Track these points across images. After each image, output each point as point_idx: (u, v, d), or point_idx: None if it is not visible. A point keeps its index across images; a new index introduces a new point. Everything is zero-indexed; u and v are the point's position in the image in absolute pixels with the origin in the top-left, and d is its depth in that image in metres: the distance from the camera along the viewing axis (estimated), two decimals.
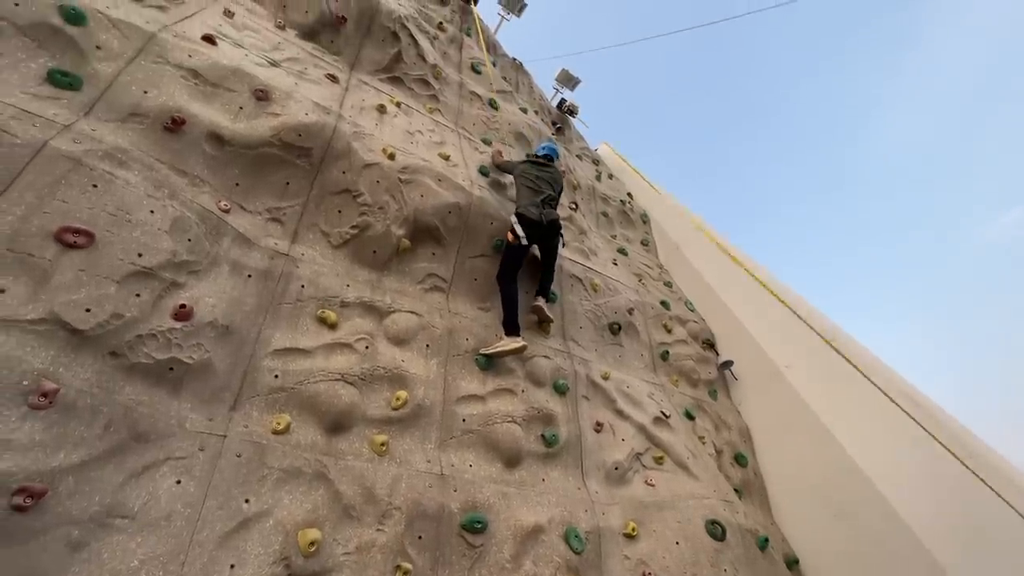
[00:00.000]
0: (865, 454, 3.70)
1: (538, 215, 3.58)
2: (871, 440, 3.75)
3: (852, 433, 3.86)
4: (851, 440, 3.83)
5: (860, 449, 3.75)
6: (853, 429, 3.88)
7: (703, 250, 5.97)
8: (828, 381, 4.21)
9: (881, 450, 3.67)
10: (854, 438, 3.83)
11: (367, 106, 3.80)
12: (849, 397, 4.01)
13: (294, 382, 2.39)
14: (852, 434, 3.86)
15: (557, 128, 7.43)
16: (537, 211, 3.61)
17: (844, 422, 3.96)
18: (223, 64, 2.91)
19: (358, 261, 3.06)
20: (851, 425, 3.91)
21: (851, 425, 3.91)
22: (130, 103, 2.46)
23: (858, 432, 3.84)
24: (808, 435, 4.12)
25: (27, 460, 1.54)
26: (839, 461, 3.80)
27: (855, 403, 3.96)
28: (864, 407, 3.89)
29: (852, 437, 3.84)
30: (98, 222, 2.03)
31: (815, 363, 4.34)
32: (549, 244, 3.77)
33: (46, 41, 2.36)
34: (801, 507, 4.00)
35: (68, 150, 2.09)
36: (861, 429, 3.84)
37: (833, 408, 4.08)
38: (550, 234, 3.71)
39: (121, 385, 1.90)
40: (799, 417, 4.23)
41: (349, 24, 4.32)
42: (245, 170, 2.81)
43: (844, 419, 3.97)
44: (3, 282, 1.76)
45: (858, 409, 3.92)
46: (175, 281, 2.19)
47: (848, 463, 3.73)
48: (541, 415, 3.14)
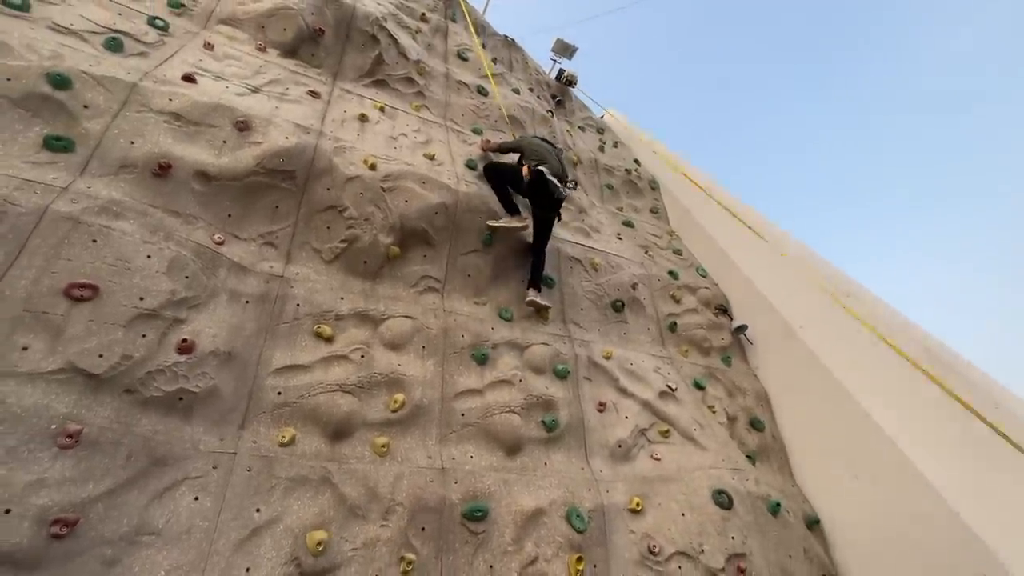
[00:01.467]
0: (884, 412, 3.63)
1: (554, 183, 3.72)
2: (890, 398, 3.67)
3: (870, 392, 3.79)
4: (870, 399, 3.76)
5: (879, 408, 3.68)
6: (871, 388, 3.80)
7: (714, 213, 5.81)
8: (843, 340, 4.11)
9: (900, 408, 3.59)
10: (873, 397, 3.75)
11: (349, 117, 3.90)
12: (865, 355, 3.91)
13: (296, 397, 2.60)
14: (870, 393, 3.78)
15: (557, 101, 7.31)
16: (555, 179, 3.73)
17: (861, 381, 3.88)
18: (203, 102, 3.07)
19: (351, 273, 3.22)
20: (868, 384, 3.83)
21: (868, 384, 3.83)
22: (119, 156, 2.67)
23: (877, 391, 3.76)
24: (825, 395, 4.06)
25: (60, 494, 1.80)
26: (857, 420, 3.74)
27: (871, 361, 3.86)
28: (881, 365, 3.79)
29: (870, 396, 3.77)
30: (100, 274, 2.26)
31: (829, 322, 4.23)
32: (548, 216, 3.88)
33: (39, 109, 2.58)
34: (822, 468, 3.99)
35: (67, 211, 2.31)
36: (879, 387, 3.76)
37: (850, 367, 4.00)
38: (554, 205, 3.85)
39: (138, 418, 2.15)
40: (816, 378, 4.17)
41: (327, 35, 4.40)
42: (235, 201, 3.00)
43: (861, 378, 3.89)
44: (25, 340, 2.01)
45: (875, 367, 3.83)
46: (177, 318, 2.41)
47: (867, 422, 3.67)
48: (540, 402, 3.26)
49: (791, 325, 4.53)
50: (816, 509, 3.83)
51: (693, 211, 6.14)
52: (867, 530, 3.51)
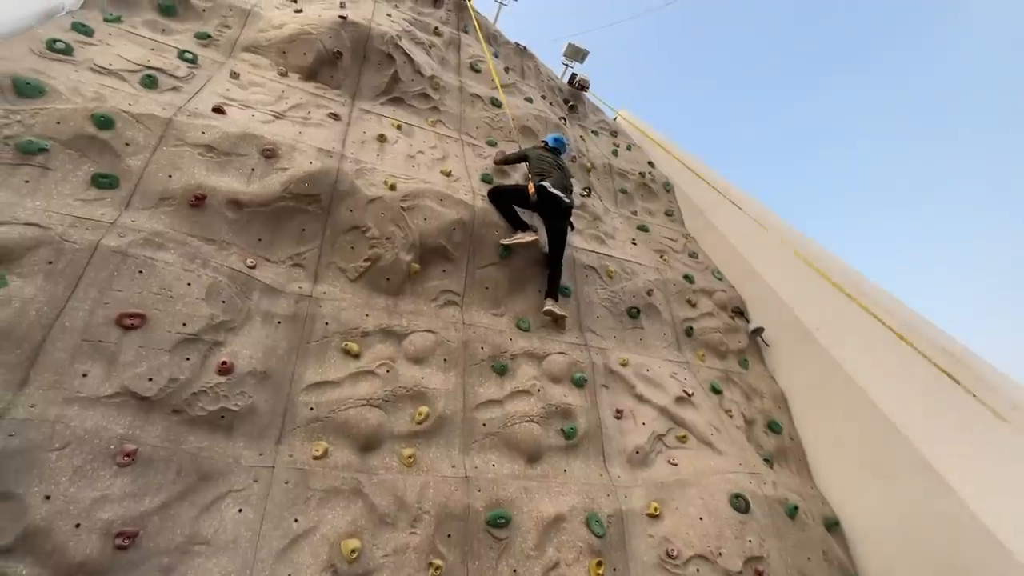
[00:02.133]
0: (902, 413, 3.65)
1: (562, 195, 4.00)
2: (908, 399, 3.68)
3: (888, 393, 3.80)
4: (887, 400, 3.77)
5: (897, 409, 3.69)
6: (889, 389, 3.81)
7: (729, 214, 5.83)
8: (860, 341, 4.12)
9: (918, 409, 3.60)
10: (890, 398, 3.77)
11: (368, 138, 4.06)
12: (882, 356, 3.92)
13: (327, 412, 2.76)
14: (888, 394, 3.80)
15: (570, 106, 7.38)
16: (561, 190, 4.02)
17: (879, 382, 3.89)
18: (232, 132, 3.25)
19: (374, 290, 3.38)
20: (886, 385, 3.84)
21: (886, 385, 3.84)
22: (159, 189, 2.86)
23: (894, 392, 3.77)
24: (843, 397, 4.08)
25: (122, 509, 1.99)
26: (876, 421, 3.76)
27: (889, 362, 3.87)
28: (898, 365, 3.79)
29: (888, 397, 3.78)
30: (147, 303, 2.44)
31: (846, 323, 4.25)
32: (559, 225, 4.04)
33: (86, 149, 2.79)
34: (841, 469, 4.01)
35: (116, 245, 2.51)
36: (897, 388, 3.77)
37: (867, 368, 4.01)
38: (563, 215, 4.04)
39: (185, 436, 2.32)
40: (833, 379, 4.19)
41: (345, 56, 4.56)
42: (265, 226, 3.18)
43: (879, 379, 3.90)
44: (84, 367, 2.21)
45: (892, 368, 3.84)
46: (216, 341, 2.59)
47: (885, 423, 3.69)
48: (559, 410, 3.37)
49: (808, 327, 4.54)
50: (836, 511, 3.86)
51: (708, 213, 6.16)
52: (887, 532, 3.53)
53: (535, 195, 3.93)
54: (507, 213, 4.06)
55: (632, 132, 7.98)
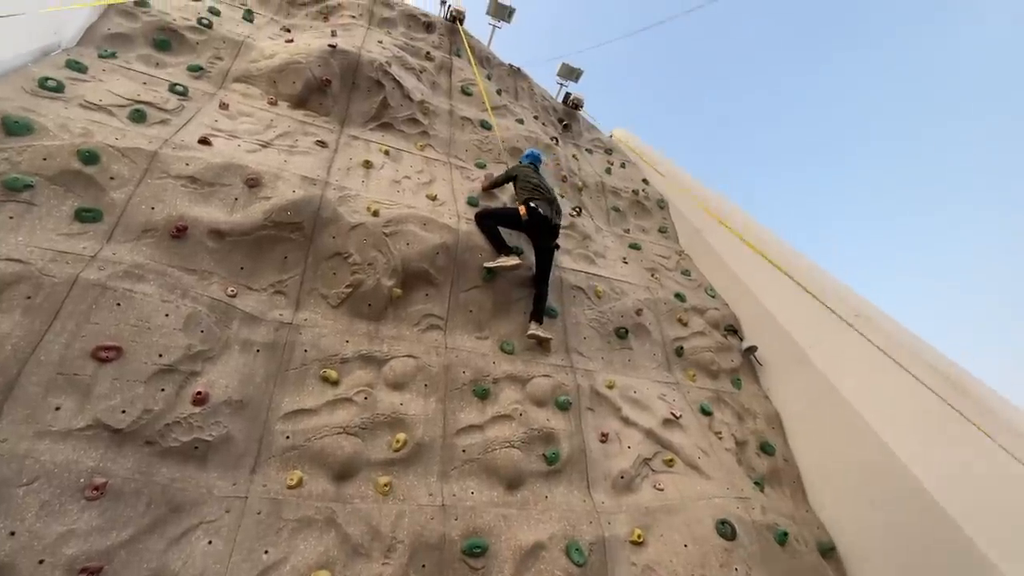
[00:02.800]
0: (898, 438, 3.56)
1: (550, 215, 4.09)
2: (903, 421, 3.60)
3: (883, 414, 3.72)
4: (882, 422, 3.69)
5: (892, 431, 3.61)
6: (883, 410, 3.73)
7: (723, 231, 5.81)
8: (854, 360, 4.05)
9: (914, 432, 3.52)
10: (885, 420, 3.69)
11: (354, 164, 4.12)
12: (877, 376, 3.85)
13: (303, 440, 2.77)
14: (883, 415, 3.72)
15: (564, 125, 7.44)
16: (548, 210, 4.11)
17: (874, 403, 3.81)
18: (216, 163, 3.32)
19: (356, 316, 3.40)
20: (881, 406, 3.76)
21: (881, 406, 3.76)
22: (142, 221, 2.93)
23: (889, 413, 3.69)
24: (838, 418, 4.00)
25: (87, 544, 2.00)
26: (871, 444, 3.67)
27: (884, 382, 3.80)
28: (893, 386, 3.72)
29: (883, 419, 3.70)
30: (124, 335, 2.48)
31: (840, 342, 4.18)
32: (547, 245, 4.10)
33: (71, 184, 2.86)
34: (837, 493, 3.92)
35: (95, 278, 2.56)
36: (892, 410, 3.69)
37: (862, 388, 3.93)
38: (551, 234, 4.13)
39: (158, 468, 2.34)
40: (828, 400, 4.11)
41: (334, 84, 4.66)
42: (247, 254, 3.23)
43: (873, 400, 3.82)
44: (58, 401, 2.24)
45: (887, 389, 3.76)
46: (193, 371, 2.62)
47: (880, 447, 3.61)
48: (542, 435, 3.35)
49: (802, 346, 4.48)
50: (832, 536, 3.76)
51: (703, 230, 6.14)
52: (885, 557, 3.43)
53: (527, 216, 4.01)
54: (493, 236, 4.08)
55: (627, 149, 8.02)
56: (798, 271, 4.77)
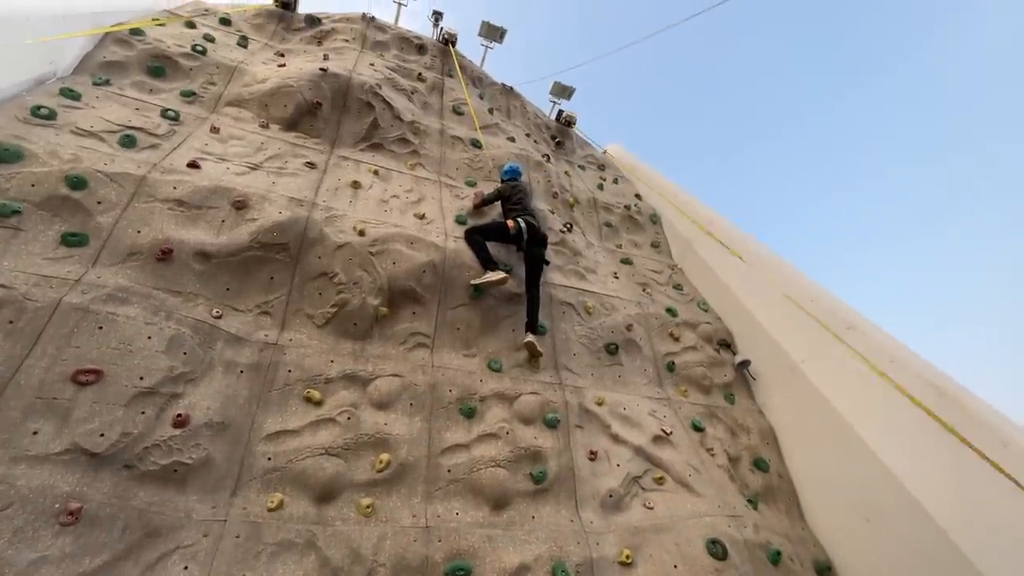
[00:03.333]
0: (891, 452, 3.51)
1: (536, 225, 4.24)
2: (896, 436, 3.55)
3: (876, 429, 3.67)
4: (876, 437, 3.64)
5: (886, 447, 3.56)
6: (876, 425, 3.68)
7: (715, 245, 5.81)
8: (846, 374, 4.01)
9: (908, 448, 3.46)
10: (879, 435, 3.64)
11: (342, 184, 4.17)
12: (870, 391, 3.80)
13: (284, 461, 2.76)
14: (876, 430, 3.66)
15: (557, 142, 7.52)
16: (534, 222, 4.27)
17: (866, 418, 3.76)
18: (204, 186, 3.37)
19: (341, 336, 3.41)
20: (874, 421, 3.71)
21: (874, 421, 3.71)
22: (128, 244, 2.96)
23: (883, 428, 3.64)
24: (831, 433, 3.95)
25: (60, 571, 1.98)
26: (865, 460, 3.62)
27: (876, 397, 3.75)
28: (885, 401, 3.67)
29: (876, 434, 3.65)
30: (105, 358, 2.50)
31: (831, 356, 4.14)
32: (537, 252, 4.19)
33: (59, 209, 2.91)
34: (833, 510, 3.85)
35: (78, 302, 2.58)
36: (885, 425, 3.64)
37: (854, 403, 3.89)
38: (541, 243, 4.26)
39: (135, 492, 2.33)
40: (821, 415, 4.07)
41: (325, 106, 4.74)
42: (233, 275, 3.25)
43: (866, 415, 3.78)
44: (36, 425, 2.25)
45: (880, 403, 3.71)
46: (174, 393, 2.62)
47: (874, 462, 3.55)
48: (529, 453, 3.32)
49: (794, 359, 4.45)
50: (829, 554, 3.68)
51: (694, 243, 6.14)
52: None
53: (515, 229, 4.14)
54: (480, 251, 4.11)
55: (619, 165, 8.07)
56: (789, 283, 4.75)
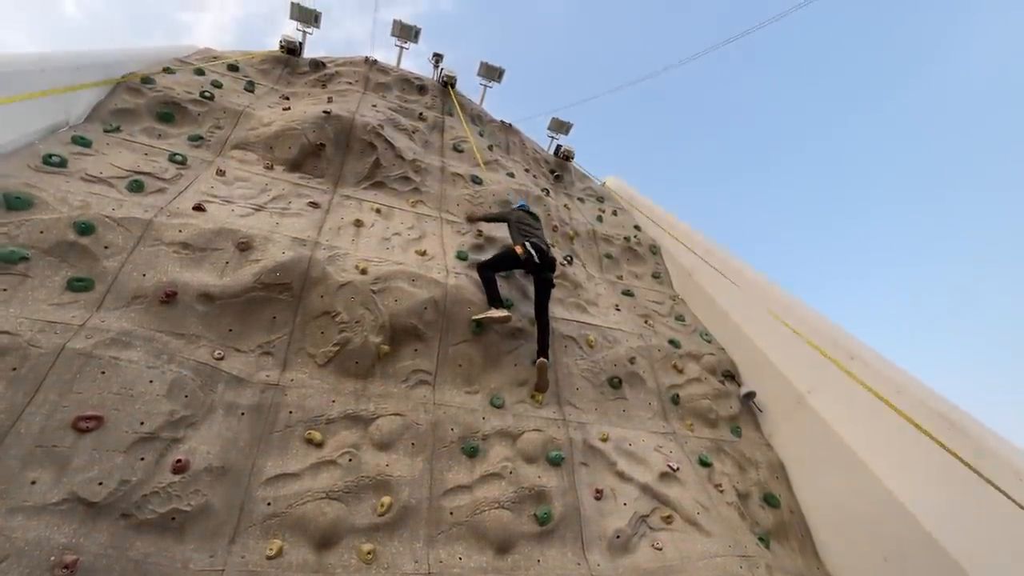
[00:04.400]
0: (905, 488, 3.42)
1: (545, 249, 4.29)
2: (910, 471, 3.47)
3: (888, 463, 3.59)
4: (887, 470, 3.56)
5: (898, 480, 3.48)
6: (887, 458, 3.61)
7: (715, 275, 5.83)
8: (853, 406, 3.96)
9: (922, 483, 3.38)
10: (890, 468, 3.56)
11: (345, 223, 4.24)
12: (878, 422, 3.75)
13: (284, 506, 2.71)
14: (888, 464, 3.59)
15: (556, 176, 7.65)
16: (543, 246, 4.32)
17: (877, 450, 3.69)
18: (208, 228, 3.43)
19: (343, 375, 3.40)
20: (885, 453, 3.64)
21: (885, 453, 3.64)
22: (132, 288, 3.00)
23: (894, 462, 3.57)
24: (841, 467, 3.87)
25: None
26: (878, 496, 3.53)
27: (885, 428, 3.69)
28: (895, 432, 3.61)
29: (888, 467, 3.58)
30: (106, 404, 2.49)
31: (837, 386, 4.10)
32: (545, 276, 4.25)
33: (66, 255, 2.96)
34: (849, 548, 3.73)
35: (82, 347, 2.60)
36: (897, 459, 3.57)
37: (864, 435, 3.82)
38: (548, 267, 4.29)
39: (132, 542, 2.28)
40: (829, 447, 3.99)
41: (328, 147, 4.86)
42: (236, 316, 3.27)
43: (876, 447, 3.71)
44: (35, 474, 2.22)
45: (889, 435, 3.65)
46: (174, 438, 2.60)
47: (888, 497, 3.47)
48: (533, 493, 3.25)
49: (799, 390, 4.40)
50: None
51: (695, 274, 6.17)
52: None
53: (524, 254, 4.18)
54: (490, 285, 4.11)
55: (617, 197, 8.19)
56: (791, 313, 4.75)
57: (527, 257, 4.18)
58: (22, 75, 3.49)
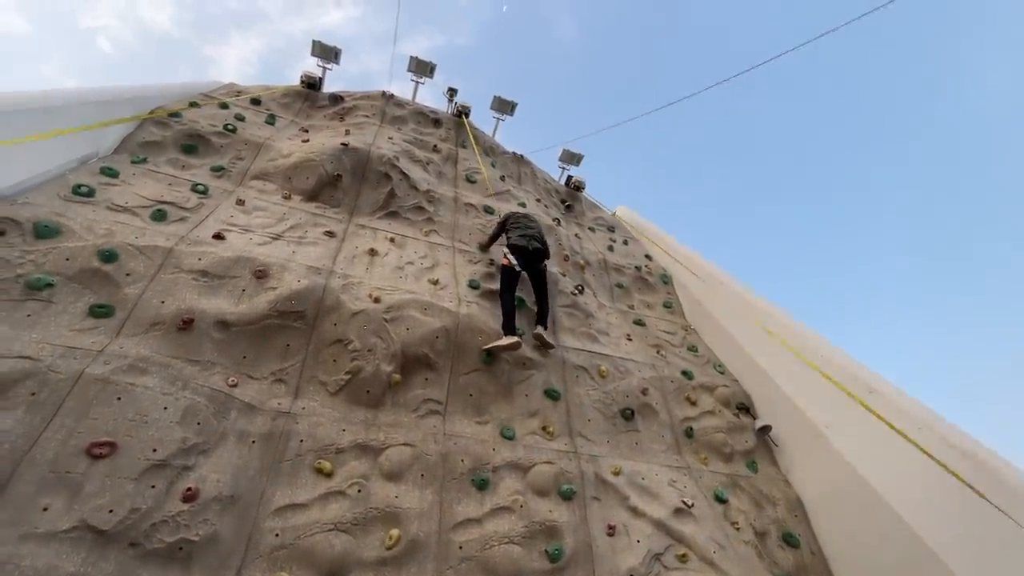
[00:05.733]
0: (932, 530, 3.29)
1: (526, 243, 4.54)
2: (936, 512, 3.33)
3: (912, 503, 3.46)
4: (912, 512, 3.42)
5: (925, 524, 3.34)
6: (912, 498, 3.48)
7: (728, 306, 5.80)
8: (874, 441, 3.84)
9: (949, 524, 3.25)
10: (916, 509, 3.43)
11: (359, 252, 4.31)
12: (898, 459, 3.63)
13: (292, 538, 2.67)
14: (912, 505, 3.46)
15: (567, 206, 7.74)
16: (525, 241, 4.56)
17: (898, 489, 3.57)
18: (227, 257, 3.50)
19: (354, 403, 3.39)
20: (909, 494, 3.51)
21: (909, 494, 3.51)
22: (151, 315, 3.05)
23: (919, 502, 3.44)
24: (865, 506, 3.73)
25: None
26: (902, 537, 3.39)
27: (909, 467, 3.57)
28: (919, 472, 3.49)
29: (913, 508, 3.44)
30: (120, 430, 2.51)
31: (856, 421, 4.00)
32: (537, 268, 4.54)
33: (89, 282, 3.03)
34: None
35: (99, 373, 2.64)
36: (921, 499, 3.44)
37: (886, 474, 3.70)
38: (537, 258, 4.55)
39: (138, 572, 2.26)
40: (850, 485, 3.86)
41: (345, 178, 4.99)
42: (251, 343, 3.30)
43: (898, 485, 3.58)
44: (47, 501, 2.23)
45: (913, 474, 3.53)
46: (185, 465, 2.60)
47: (914, 540, 3.33)
48: (544, 528, 3.17)
49: (817, 424, 4.30)
50: None
51: (707, 304, 6.13)
52: None
53: (510, 264, 4.38)
54: (508, 312, 4.15)
55: (628, 226, 8.24)
56: (806, 345, 4.68)
57: (519, 260, 4.41)
58: (59, 110, 3.67)
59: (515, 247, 4.49)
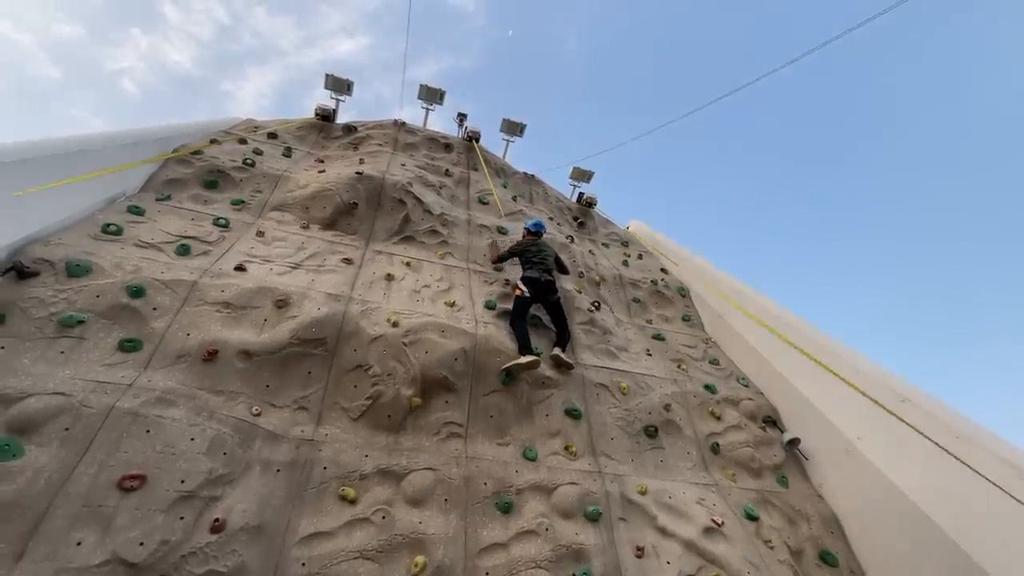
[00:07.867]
0: (978, 544, 3.15)
1: (539, 275, 4.65)
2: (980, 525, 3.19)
3: (952, 515, 3.33)
4: (955, 525, 3.29)
5: (970, 538, 3.20)
6: (952, 509, 3.34)
7: (748, 316, 5.71)
8: (910, 452, 3.71)
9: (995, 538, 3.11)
10: (958, 522, 3.29)
11: (377, 278, 4.37)
12: (937, 469, 3.50)
13: (318, 567, 2.66)
14: (953, 516, 3.32)
15: (579, 223, 7.76)
16: (538, 273, 4.67)
17: (939, 501, 3.43)
18: (248, 287, 3.58)
19: (376, 428, 3.40)
20: (949, 505, 3.38)
21: (949, 505, 3.38)
22: (177, 348, 3.12)
23: (959, 513, 3.30)
24: (903, 520, 3.59)
25: None
26: (948, 552, 3.24)
27: (948, 478, 3.44)
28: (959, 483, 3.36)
29: (955, 521, 3.30)
30: (150, 463, 2.55)
31: (890, 432, 3.87)
32: (550, 299, 4.65)
33: (118, 317, 3.12)
34: None
35: (130, 407, 2.69)
36: (960, 509, 3.30)
37: (924, 486, 3.56)
38: (549, 291, 4.63)
39: None
40: (887, 499, 3.73)
41: (360, 206, 5.09)
42: (273, 372, 3.35)
43: (938, 497, 3.45)
44: (80, 535, 2.26)
45: (952, 485, 3.40)
46: (212, 496, 2.63)
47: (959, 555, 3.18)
48: (570, 551, 3.12)
49: (848, 436, 4.17)
50: None
51: (727, 316, 6.05)
52: None
53: (522, 293, 4.48)
54: (520, 334, 4.19)
55: (642, 241, 8.22)
56: (831, 355, 4.57)
57: (531, 291, 4.52)
58: (89, 154, 3.84)
59: (528, 279, 4.62)
